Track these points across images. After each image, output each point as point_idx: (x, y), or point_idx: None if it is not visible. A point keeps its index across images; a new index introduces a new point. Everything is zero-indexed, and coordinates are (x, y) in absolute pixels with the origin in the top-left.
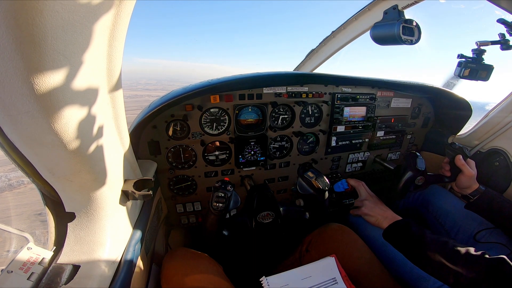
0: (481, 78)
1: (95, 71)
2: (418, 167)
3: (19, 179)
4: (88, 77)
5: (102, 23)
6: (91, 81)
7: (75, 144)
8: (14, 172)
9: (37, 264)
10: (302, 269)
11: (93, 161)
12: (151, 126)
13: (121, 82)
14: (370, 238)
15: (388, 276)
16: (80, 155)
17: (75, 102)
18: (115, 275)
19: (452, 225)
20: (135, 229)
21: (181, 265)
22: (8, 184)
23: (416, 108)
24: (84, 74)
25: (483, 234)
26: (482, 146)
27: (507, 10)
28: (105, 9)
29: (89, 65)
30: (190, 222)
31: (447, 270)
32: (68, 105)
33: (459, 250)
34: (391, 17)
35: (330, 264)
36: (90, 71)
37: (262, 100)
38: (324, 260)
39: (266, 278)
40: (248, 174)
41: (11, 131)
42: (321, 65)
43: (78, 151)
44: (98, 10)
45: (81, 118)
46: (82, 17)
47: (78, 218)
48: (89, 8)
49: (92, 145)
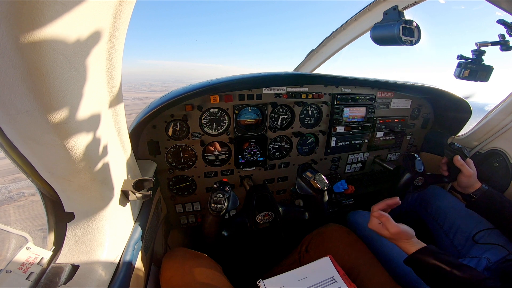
0: (481, 79)
1: (95, 71)
2: (416, 168)
3: (19, 191)
4: (88, 77)
5: (102, 22)
6: (91, 81)
7: (75, 144)
8: (15, 183)
9: (36, 264)
10: (299, 271)
11: (93, 161)
12: (151, 126)
13: (121, 82)
14: (369, 238)
15: (387, 276)
16: (79, 155)
17: (75, 102)
18: (114, 275)
19: (451, 225)
20: (135, 229)
21: (181, 265)
22: (8, 197)
23: (415, 109)
24: (84, 74)
25: (481, 235)
26: (481, 147)
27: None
28: (105, 9)
29: (89, 65)
30: (189, 222)
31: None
32: (67, 104)
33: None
34: (391, 17)
35: (327, 263)
36: (90, 70)
37: (262, 100)
38: (320, 261)
39: (262, 281)
40: (247, 174)
41: (10, 131)
42: (321, 65)
43: (77, 151)
44: (98, 10)
45: (80, 118)
46: (82, 16)
47: (77, 218)
48: (89, 7)
49: (91, 145)
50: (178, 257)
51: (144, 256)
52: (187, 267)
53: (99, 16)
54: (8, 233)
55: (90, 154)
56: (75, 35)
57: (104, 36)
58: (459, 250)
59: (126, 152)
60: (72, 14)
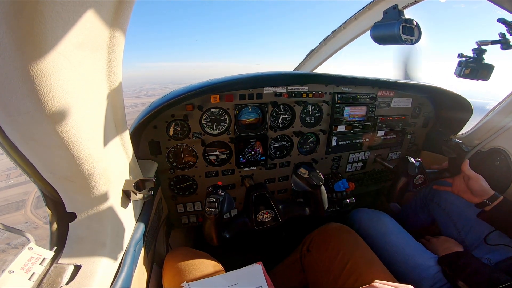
0: (482, 77)
1: (95, 72)
2: (409, 172)
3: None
4: (89, 78)
5: (102, 23)
6: (91, 82)
7: (76, 145)
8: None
9: (38, 264)
10: (228, 276)
11: (94, 161)
12: (152, 126)
13: (121, 82)
14: (370, 237)
15: (389, 275)
16: (81, 155)
17: (76, 103)
18: (116, 275)
19: (464, 224)
20: (136, 229)
21: (182, 265)
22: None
23: (416, 107)
24: (84, 75)
25: (493, 236)
26: (482, 145)
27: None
28: (105, 9)
29: (89, 65)
30: (190, 222)
31: None
32: (68, 105)
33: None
34: (391, 16)
35: (257, 271)
36: (91, 71)
37: (262, 100)
38: (250, 267)
39: (187, 284)
40: (248, 174)
41: (11, 132)
42: (321, 64)
43: (79, 152)
44: (98, 11)
45: (81, 119)
46: (82, 17)
47: (79, 218)
48: (89, 8)
49: (92, 145)
50: (179, 256)
51: (145, 256)
52: (188, 267)
53: (99, 17)
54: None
55: (91, 154)
56: (75, 35)
57: (104, 36)
58: (468, 249)
59: (127, 152)
60: (72, 15)
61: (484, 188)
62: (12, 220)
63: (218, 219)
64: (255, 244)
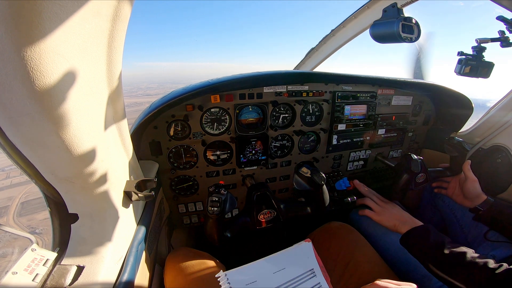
0: (482, 75)
1: (95, 73)
2: (413, 169)
3: None
4: (88, 79)
5: (101, 24)
6: (91, 83)
7: (77, 146)
8: None
9: (41, 265)
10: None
11: (95, 162)
12: (152, 127)
13: (121, 83)
14: (372, 236)
15: (392, 274)
16: (82, 156)
17: (76, 104)
18: (118, 275)
19: (467, 220)
20: (138, 230)
21: (184, 265)
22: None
23: (417, 105)
24: (84, 76)
25: (494, 233)
26: (484, 143)
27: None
28: (104, 10)
29: (89, 66)
30: (192, 222)
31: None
32: (68, 106)
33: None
34: (390, 15)
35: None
36: (90, 72)
37: (263, 99)
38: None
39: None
40: (249, 173)
41: (12, 133)
42: (321, 63)
43: (80, 153)
44: (97, 12)
45: (81, 120)
46: (81, 18)
47: (81, 219)
48: (88, 9)
49: (93, 146)
50: (181, 256)
51: (148, 256)
52: (190, 267)
53: (98, 17)
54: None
55: (92, 155)
56: (74, 36)
57: (103, 37)
58: (471, 245)
59: (128, 153)
60: (71, 16)
61: (477, 192)
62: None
63: (220, 218)
64: (256, 244)
